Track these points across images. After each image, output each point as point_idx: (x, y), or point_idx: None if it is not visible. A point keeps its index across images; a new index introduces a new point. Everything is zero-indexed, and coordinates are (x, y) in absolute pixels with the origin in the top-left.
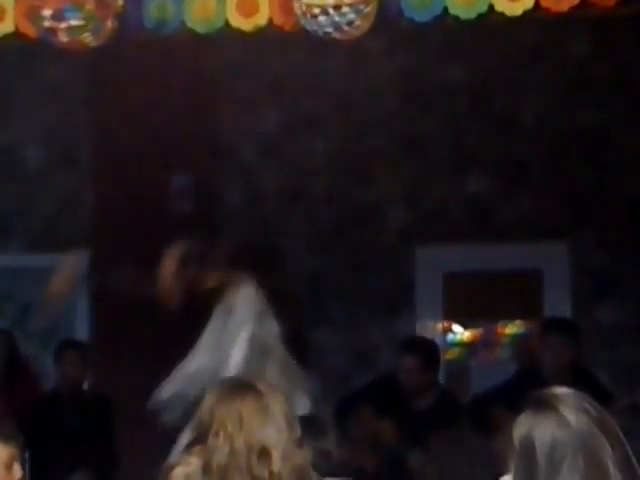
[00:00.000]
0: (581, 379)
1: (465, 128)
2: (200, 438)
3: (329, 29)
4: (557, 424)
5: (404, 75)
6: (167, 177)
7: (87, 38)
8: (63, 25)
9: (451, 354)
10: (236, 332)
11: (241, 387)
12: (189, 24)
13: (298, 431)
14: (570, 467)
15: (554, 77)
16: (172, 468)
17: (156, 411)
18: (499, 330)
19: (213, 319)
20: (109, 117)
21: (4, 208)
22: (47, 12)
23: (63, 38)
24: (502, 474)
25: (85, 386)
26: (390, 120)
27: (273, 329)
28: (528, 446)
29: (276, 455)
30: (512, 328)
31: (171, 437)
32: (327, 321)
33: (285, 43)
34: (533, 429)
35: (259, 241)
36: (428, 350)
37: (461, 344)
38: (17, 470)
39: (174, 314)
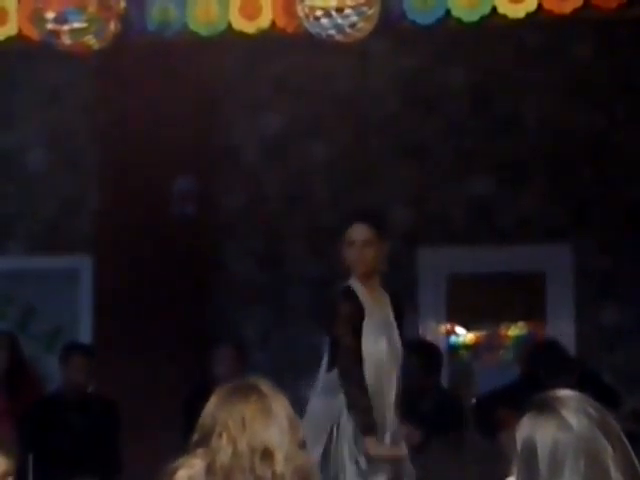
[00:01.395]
0: (587, 381)
1: (467, 130)
2: (203, 440)
3: (332, 31)
4: (558, 427)
5: (407, 77)
6: (169, 180)
7: (90, 40)
8: (66, 28)
9: (454, 356)
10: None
11: (244, 389)
12: (192, 27)
13: (301, 432)
14: (571, 469)
15: (556, 79)
16: (175, 470)
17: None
18: (502, 332)
19: None
20: (111, 120)
21: (6, 210)
22: (50, 15)
23: (66, 41)
24: (505, 476)
25: (89, 389)
26: (392, 122)
27: None
28: (530, 449)
29: (279, 456)
30: (515, 330)
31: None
32: None
33: (288, 45)
34: (535, 432)
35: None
36: (430, 352)
37: (464, 346)
38: None
39: None
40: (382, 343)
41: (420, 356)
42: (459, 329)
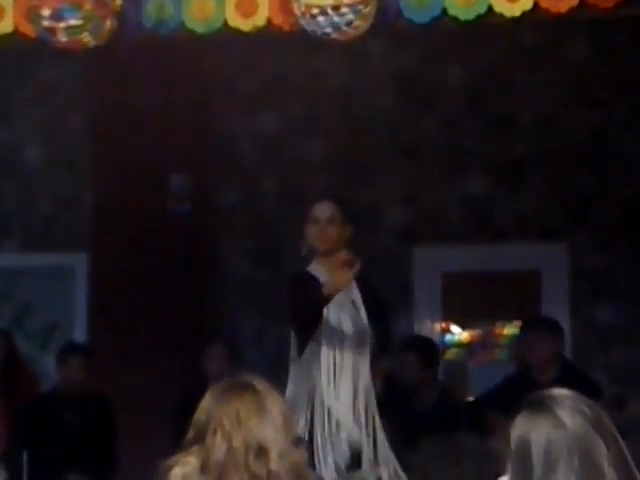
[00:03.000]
0: (569, 375)
1: (464, 129)
2: (198, 437)
3: (328, 29)
4: (553, 425)
5: (403, 75)
6: (166, 177)
7: (86, 38)
8: (62, 25)
9: (449, 355)
10: None
11: (238, 386)
12: (188, 24)
13: (296, 430)
14: (566, 468)
15: (553, 78)
16: (170, 468)
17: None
18: (497, 331)
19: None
20: (107, 117)
21: (2, 208)
22: (46, 12)
23: (62, 38)
24: (499, 475)
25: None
26: (389, 120)
27: None
28: (524, 447)
29: (274, 453)
30: (510, 329)
31: (168, 437)
32: None
33: (284, 43)
34: (529, 430)
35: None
36: (428, 348)
37: (459, 345)
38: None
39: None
40: (345, 323)
41: (418, 351)
42: (454, 327)
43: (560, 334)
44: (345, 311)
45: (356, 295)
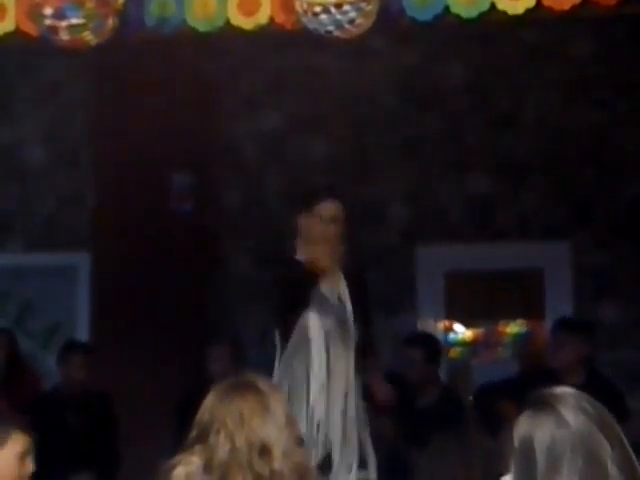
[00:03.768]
0: (595, 383)
1: (466, 127)
2: (201, 437)
3: (330, 27)
4: (556, 424)
5: (405, 74)
6: (168, 177)
7: (88, 36)
8: (64, 23)
9: (453, 353)
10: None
11: (241, 386)
12: (190, 22)
13: (298, 429)
14: (569, 467)
15: (555, 76)
16: (173, 468)
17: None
18: (500, 330)
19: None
20: (110, 116)
21: (4, 207)
22: (48, 11)
23: (64, 36)
24: (503, 474)
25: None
26: (391, 119)
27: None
28: (527, 446)
29: (277, 453)
30: (514, 328)
31: (170, 437)
32: None
33: (286, 42)
34: (532, 429)
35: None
36: (430, 344)
37: (463, 343)
38: (30, 463)
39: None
40: (330, 319)
41: (420, 347)
42: (457, 326)
43: (589, 338)
44: (330, 306)
45: (343, 290)
